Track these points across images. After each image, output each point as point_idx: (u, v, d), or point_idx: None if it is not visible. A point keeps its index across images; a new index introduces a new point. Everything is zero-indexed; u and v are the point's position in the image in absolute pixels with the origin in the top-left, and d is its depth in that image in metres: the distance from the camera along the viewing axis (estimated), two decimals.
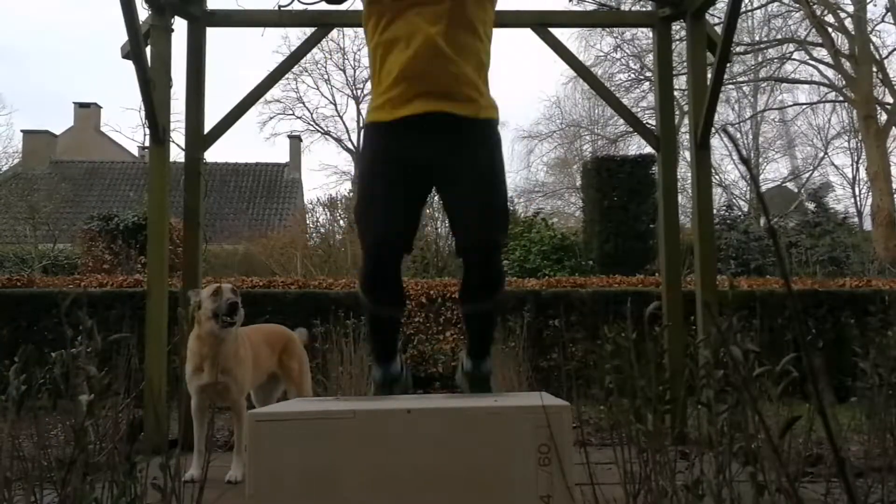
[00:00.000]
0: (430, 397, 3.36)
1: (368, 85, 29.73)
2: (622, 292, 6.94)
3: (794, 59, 21.11)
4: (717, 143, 22.84)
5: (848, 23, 18.16)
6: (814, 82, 21.37)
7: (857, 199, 24.79)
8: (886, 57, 19.15)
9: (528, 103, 35.68)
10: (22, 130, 24.82)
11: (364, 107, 29.89)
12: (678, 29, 8.44)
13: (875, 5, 22.69)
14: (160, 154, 4.32)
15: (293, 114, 29.39)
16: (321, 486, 1.78)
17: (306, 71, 28.37)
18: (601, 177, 11.93)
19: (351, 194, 16.60)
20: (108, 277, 8.25)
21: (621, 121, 16.82)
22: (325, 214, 14.64)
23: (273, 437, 1.80)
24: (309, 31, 4.68)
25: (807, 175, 25.52)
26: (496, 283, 2.43)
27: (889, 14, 18.23)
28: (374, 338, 2.68)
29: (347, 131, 30.45)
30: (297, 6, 4.43)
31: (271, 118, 29.11)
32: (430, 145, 2.32)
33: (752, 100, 25.01)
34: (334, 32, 23.89)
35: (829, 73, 19.94)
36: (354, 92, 29.98)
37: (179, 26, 4.39)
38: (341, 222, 13.87)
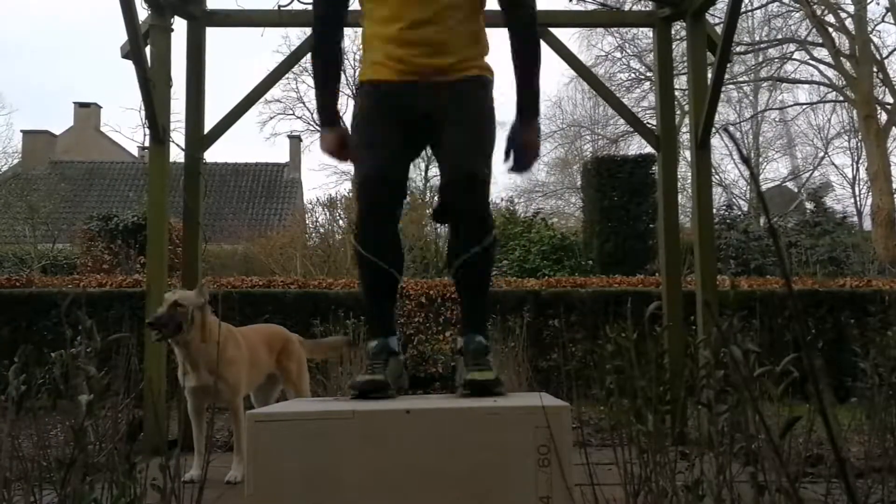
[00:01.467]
0: (429, 397, 3.36)
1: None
2: (622, 292, 6.95)
3: (795, 59, 21.14)
4: (718, 143, 22.84)
5: (848, 23, 18.17)
6: (814, 82, 21.40)
7: (857, 198, 24.79)
8: (887, 57, 19.17)
9: None
10: (22, 130, 24.85)
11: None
12: (678, 29, 8.44)
13: (878, 4, 22.68)
14: (160, 154, 4.31)
15: (293, 114, 29.36)
16: (320, 487, 1.78)
17: (306, 71, 28.26)
18: (601, 177, 11.93)
19: (350, 194, 16.59)
20: (108, 277, 8.25)
21: (622, 121, 16.82)
22: (325, 214, 14.63)
23: (272, 438, 1.80)
24: (309, 30, 4.68)
25: (807, 175, 25.54)
26: (481, 222, 2.36)
27: (889, 14, 18.24)
28: (372, 300, 2.48)
29: (347, 131, 30.38)
30: (296, 6, 4.43)
31: (271, 118, 29.07)
32: (424, 100, 2.37)
33: (753, 99, 25.03)
34: None
35: (830, 72, 19.96)
36: (354, 92, 29.94)
37: (179, 26, 4.40)
38: (341, 222, 13.87)
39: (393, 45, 2.38)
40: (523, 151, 2.50)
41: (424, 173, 29.21)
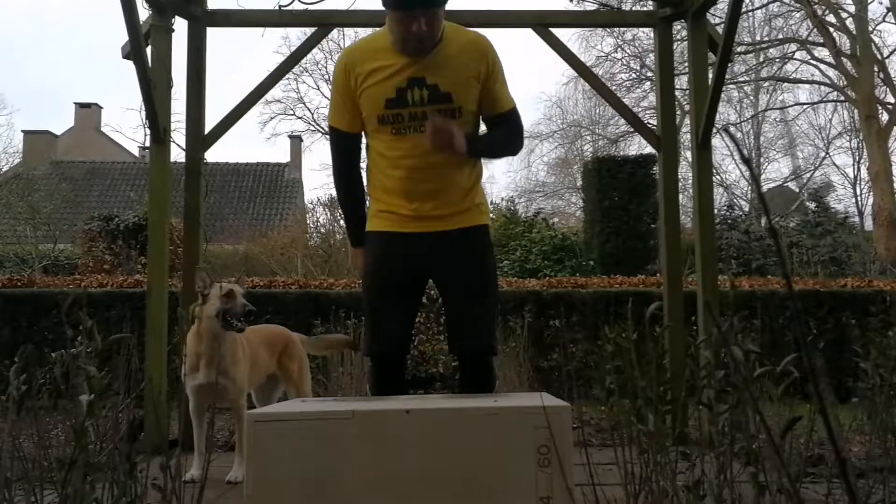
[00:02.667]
0: (429, 398, 3.35)
1: None
2: (623, 293, 6.94)
3: (796, 59, 21.12)
4: (719, 143, 22.83)
5: (849, 22, 18.16)
6: (815, 82, 21.38)
7: (859, 198, 24.76)
8: (888, 56, 19.14)
9: (529, 104, 35.67)
10: (22, 130, 24.88)
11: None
12: (679, 29, 8.44)
13: (880, 3, 22.64)
14: (161, 154, 4.32)
15: (294, 114, 29.37)
16: (320, 487, 1.78)
17: (307, 71, 28.31)
18: (602, 177, 11.93)
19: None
20: (109, 278, 8.25)
21: (622, 121, 16.82)
22: (326, 214, 14.64)
23: (272, 438, 1.80)
24: (309, 30, 4.68)
25: (808, 175, 25.52)
26: (489, 381, 2.66)
27: (890, 14, 18.23)
28: None
29: None
30: (297, 6, 4.43)
31: (272, 118, 29.06)
32: (426, 257, 2.59)
33: (754, 99, 25.00)
34: (335, 32, 23.87)
35: (831, 72, 19.94)
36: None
37: (180, 26, 4.40)
38: (342, 222, 13.87)
39: (397, 203, 2.61)
40: (438, 131, 2.48)
41: None
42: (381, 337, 2.60)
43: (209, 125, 4.48)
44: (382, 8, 2.58)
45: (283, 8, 4.44)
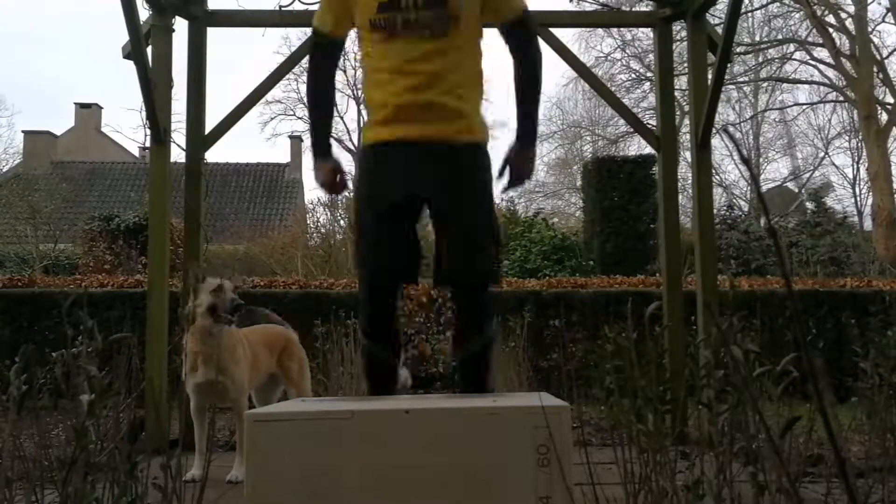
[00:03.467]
0: (429, 397, 3.36)
1: None
2: (623, 292, 6.94)
3: (795, 60, 21.14)
4: (718, 143, 22.82)
5: (849, 23, 18.16)
6: (814, 82, 21.39)
7: (858, 198, 24.78)
8: (887, 57, 19.16)
9: None
10: (23, 131, 24.86)
11: (364, 107, 29.85)
12: (679, 29, 8.44)
13: (879, 3, 22.67)
14: (161, 154, 4.32)
15: (294, 114, 29.39)
16: (319, 487, 1.78)
17: (307, 71, 28.35)
18: (602, 177, 11.93)
19: (351, 194, 16.56)
20: (109, 278, 8.26)
21: (622, 121, 16.82)
22: (326, 214, 14.65)
23: (271, 438, 1.80)
24: (310, 31, 4.68)
25: (807, 175, 25.52)
26: (483, 320, 2.48)
27: (889, 14, 18.24)
28: (369, 378, 2.67)
29: (348, 131, 30.45)
30: (297, 6, 4.44)
31: (272, 118, 29.11)
32: (422, 176, 2.43)
33: (753, 100, 25.02)
34: None
35: (830, 73, 19.95)
36: (355, 92, 29.97)
37: (180, 26, 4.40)
38: (342, 222, 13.88)
39: (392, 107, 2.43)
40: (517, 172, 2.56)
41: None
42: (372, 260, 2.47)
43: (209, 125, 4.49)
44: None
45: (283, 8, 4.44)
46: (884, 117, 18.20)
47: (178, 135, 4.52)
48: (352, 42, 3.11)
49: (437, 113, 2.41)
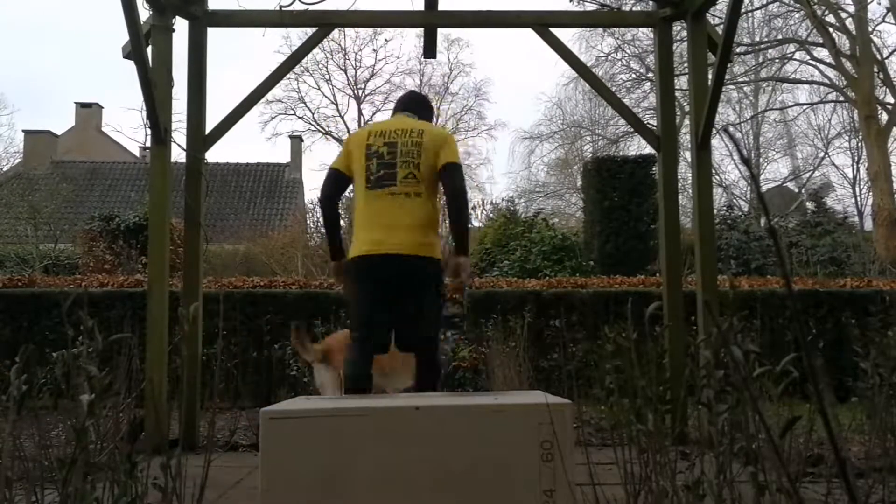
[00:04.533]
0: (435, 395, 3.37)
1: (369, 85, 29.50)
2: (623, 293, 6.94)
3: (795, 60, 21.13)
4: (718, 144, 22.84)
5: (849, 23, 18.16)
6: (814, 82, 21.38)
7: (858, 199, 24.76)
8: (887, 57, 19.14)
9: (530, 105, 35.71)
10: (23, 130, 24.87)
11: (364, 107, 29.92)
12: (679, 29, 8.44)
13: (878, 3, 22.66)
14: (161, 154, 4.32)
15: (294, 114, 29.41)
16: (332, 481, 1.80)
17: (308, 71, 28.36)
18: (602, 177, 11.93)
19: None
20: (109, 277, 8.26)
21: (622, 121, 16.82)
22: None
23: (286, 434, 1.83)
24: (310, 31, 4.69)
25: (807, 175, 25.52)
26: (435, 368, 3.49)
27: (890, 14, 18.24)
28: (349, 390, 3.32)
29: (348, 131, 30.43)
30: (297, 6, 4.44)
31: (273, 118, 29.13)
32: (392, 271, 3.32)
33: (753, 100, 25.01)
34: (335, 32, 23.86)
35: (830, 73, 19.94)
36: (356, 92, 30.00)
37: (180, 26, 4.40)
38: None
39: (376, 236, 3.36)
40: (453, 272, 3.46)
41: None
42: (363, 323, 3.41)
43: (210, 125, 4.49)
44: (382, 9, 2.64)
45: (283, 8, 4.44)
46: (884, 117, 18.19)
47: (179, 134, 4.51)
48: (353, 41, 3.20)
49: (399, 242, 3.42)
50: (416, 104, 3.70)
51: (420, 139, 3.38)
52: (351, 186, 3.61)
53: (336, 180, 3.55)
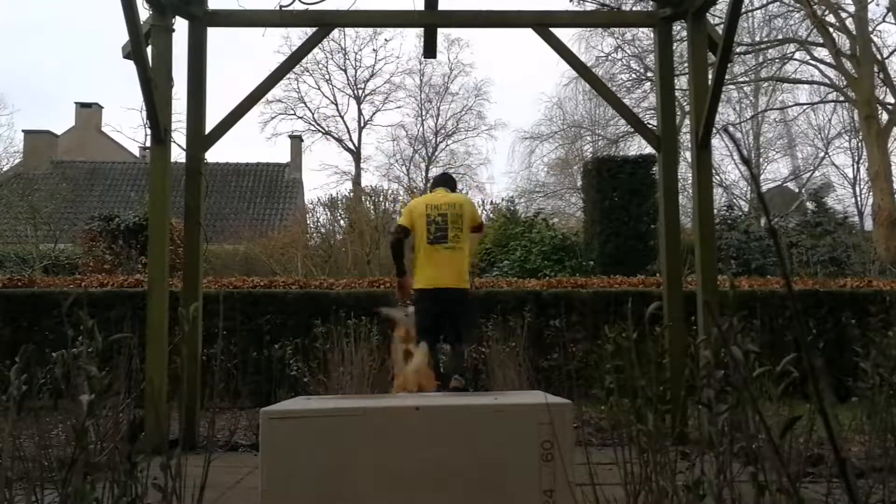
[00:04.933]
0: (436, 395, 3.37)
1: (369, 85, 29.52)
2: (623, 293, 6.94)
3: (795, 60, 21.12)
4: (718, 144, 22.83)
5: (849, 23, 18.16)
6: (815, 82, 21.38)
7: (858, 199, 24.77)
8: (888, 57, 19.14)
9: (530, 105, 35.71)
10: (23, 130, 24.86)
11: (364, 107, 29.97)
12: (679, 29, 8.43)
13: (878, 5, 22.67)
14: (161, 154, 4.32)
15: (294, 114, 29.43)
16: (332, 480, 1.80)
17: (308, 71, 28.39)
18: (602, 177, 11.93)
19: (351, 194, 16.67)
20: (109, 277, 8.26)
21: (622, 121, 16.82)
22: (326, 214, 14.62)
23: (286, 434, 1.83)
24: (310, 30, 4.69)
25: (807, 175, 25.53)
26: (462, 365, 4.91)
27: (890, 14, 18.25)
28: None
29: (348, 131, 30.46)
30: (297, 6, 4.44)
31: (272, 118, 29.14)
32: (444, 300, 4.74)
33: (753, 100, 25.00)
34: (335, 32, 23.86)
35: (830, 73, 19.93)
36: (355, 92, 30.03)
37: (180, 26, 4.40)
38: (342, 222, 13.88)
39: (432, 275, 4.79)
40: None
41: (425, 173, 29.24)
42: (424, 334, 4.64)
43: (209, 125, 4.49)
44: (381, 9, 2.63)
45: (283, 8, 4.44)
46: (884, 117, 18.19)
47: (179, 134, 4.54)
48: (353, 41, 3.16)
49: (451, 276, 4.86)
50: (450, 182, 5.29)
51: (461, 211, 4.89)
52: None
53: (403, 232, 4.97)
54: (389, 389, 4.35)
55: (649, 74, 19.31)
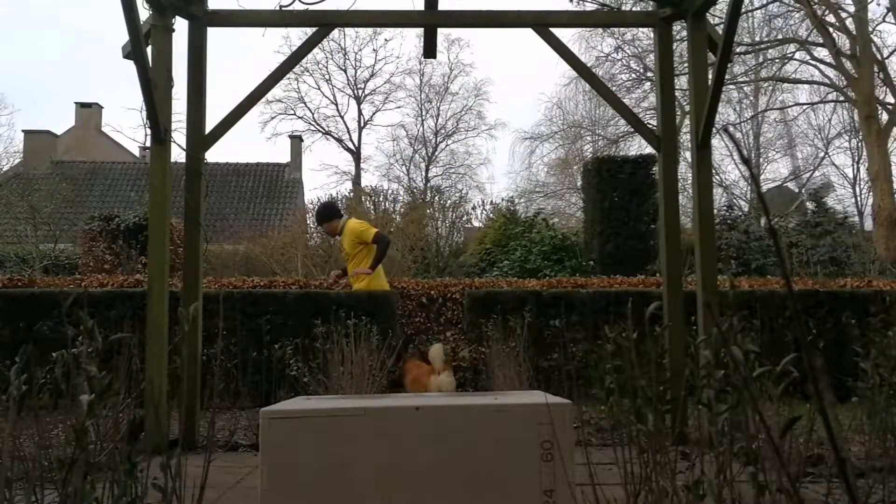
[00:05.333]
0: (435, 395, 3.37)
1: (369, 85, 29.54)
2: (623, 292, 6.94)
3: (795, 60, 21.12)
4: (718, 144, 22.84)
5: (849, 22, 18.16)
6: (815, 82, 21.38)
7: (858, 198, 24.78)
8: (888, 57, 19.14)
9: (530, 105, 35.68)
10: (23, 130, 24.89)
11: (365, 107, 29.96)
12: (679, 29, 8.43)
13: (878, 4, 22.66)
14: (161, 154, 4.32)
15: (294, 114, 29.45)
16: (332, 481, 1.80)
17: (307, 71, 28.42)
18: (602, 177, 11.93)
19: (351, 194, 16.64)
20: (109, 277, 8.26)
21: (622, 121, 16.83)
22: None
23: (286, 434, 1.83)
24: (310, 31, 4.68)
25: (807, 175, 25.53)
26: None
27: (890, 14, 18.24)
28: None
29: (348, 131, 30.47)
30: (297, 6, 4.44)
31: (272, 118, 29.19)
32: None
33: (753, 100, 25.01)
34: (335, 32, 23.85)
35: (830, 73, 19.94)
36: (355, 92, 30.03)
37: (180, 26, 4.40)
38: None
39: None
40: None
41: (425, 173, 29.22)
42: None
43: (209, 125, 4.49)
44: (381, 8, 2.64)
45: (283, 8, 4.44)
46: (884, 117, 18.19)
47: (179, 134, 4.52)
48: (352, 41, 3.17)
49: None
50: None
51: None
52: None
53: None
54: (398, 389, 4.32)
55: (649, 74, 19.31)
